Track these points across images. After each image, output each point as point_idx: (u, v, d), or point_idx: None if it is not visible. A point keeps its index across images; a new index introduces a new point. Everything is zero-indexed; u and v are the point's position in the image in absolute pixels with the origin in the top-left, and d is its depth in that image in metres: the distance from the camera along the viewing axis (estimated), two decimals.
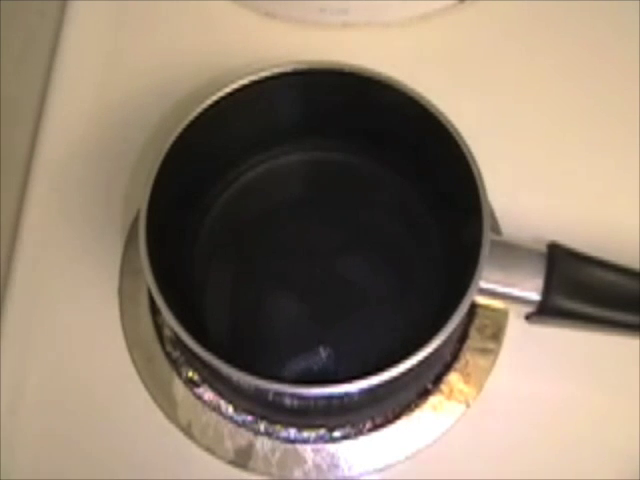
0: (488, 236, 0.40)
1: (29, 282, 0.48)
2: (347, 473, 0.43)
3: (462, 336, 0.46)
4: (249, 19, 0.55)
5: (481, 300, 0.42)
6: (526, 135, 0.51)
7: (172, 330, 0.39)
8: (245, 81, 0.44)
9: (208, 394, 0.45)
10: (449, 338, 0.39)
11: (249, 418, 0.44)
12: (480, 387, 0.45)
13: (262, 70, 0.44)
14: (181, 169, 0.43)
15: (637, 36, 0.54)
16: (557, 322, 0.43)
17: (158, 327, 0.46)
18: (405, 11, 0.55)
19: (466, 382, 0.45)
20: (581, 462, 0.44)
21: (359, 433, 0.44)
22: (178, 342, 0.44)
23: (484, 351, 0.46)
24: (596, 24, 0.55)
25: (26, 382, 0.45)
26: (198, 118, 0.43)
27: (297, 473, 0.43)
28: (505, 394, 0.45)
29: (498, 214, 0.48)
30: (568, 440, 0.44)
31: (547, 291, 0.41)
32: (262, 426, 0.44)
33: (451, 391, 0.45)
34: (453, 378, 0.45)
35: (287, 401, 0.40)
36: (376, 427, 0.44)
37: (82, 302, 0.47)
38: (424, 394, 0.45)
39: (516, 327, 0.46)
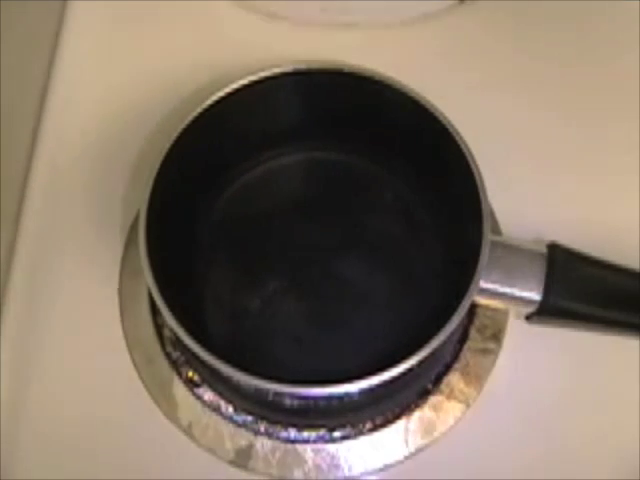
0: (488, 237, 0.40)
1: (29, 282, 0.48)
2: (347, 473, 0.43)
3: (462, 336, 0.46)
4: (249, 19, 0.55)
5: (481, 300, 0.42)
6: (526, 135, 0.51)
7: (172, 330, 0.39)
8: (245, 81, 0.44)
9: (208, 394, 0.45)
10: (449, 338, 0.39)
11: (249, 418, 0.44)
12: (480, 387, 0.45)
13: (262, 70, 0.44)
14: (181, 169, 0.43)
15: (637, 36, 0.54)
16: (557, 322, 0.43)
17: (158, 327, 0.46)
18: (405, 11, 0.55)
19: (466, 382, 0.45)
20: (581, 462, 0.44)
21: (359, 433, 0.44)
22: (178, 342, 0.44)
23: (484, 351, 0.46)
24: (596, 24, 0.55)
25: (26, 382, 0.45)
26: (198, 118, 0.43)
27: (297, 473, 0.43)
28: (505, 394, 0.45)
29: (498, 214, 0.48)
30: (568, 440, 0.44)
31: (547, 291, 0.41)
32: (262, 426, 0.44)
33: (451, 391, 0.45)
34: (453, 378, 0.45)
35: (287, 401, 0.40)
36: (376, 427, 0.44)
37: (82, 302, 0.47)
38: (424, 394, 0.45)
39: (516, 327, 0.46)
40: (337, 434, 0.44)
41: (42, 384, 0.45)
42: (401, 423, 0.44)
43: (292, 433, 0.44)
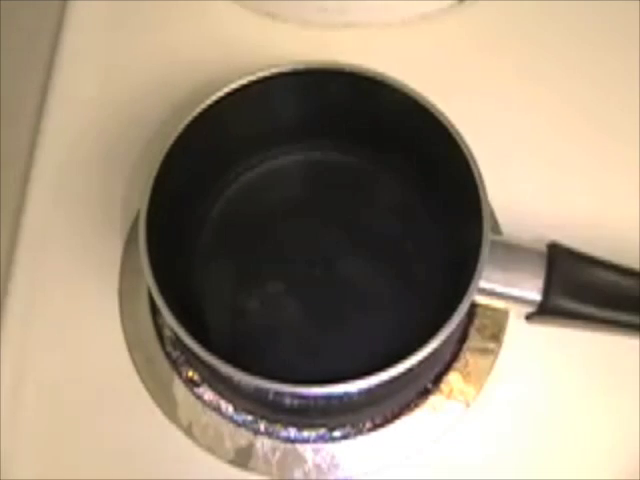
0: (488, 236, 0.40)
1: (29, 282, 0.48)
2: (347, 473, 0.43)
3: (462, 336, 0.46)
4: (249, 19, 0.55)
5: (481, 300, 0.42)
6: (526, 135, 0.51)
7: (172, 330, 0.39)
8: (244, 81, 0.44)
9: (208, 394, 0.45)
10: (449, 338, 0.39)
11: (249, 418, 0.44)
12: (480, 387, 0.45)
13: (261, 70, 0.44)
14: (181, 169, 0.43)
15: (637, 36, 0.54)
16: (557, 322, 0.43)
17: (158, 327, 0.46)
18: (405, 11, 0.55)
19: (466, 382, 0.45)
20: (581, 462, 0.44)
21: (359, 433, 0.44)
22: (178, 342, 0.44)
23: (484, 351, 0.46)
24: (596, 24, 0.55)
25: (26, 382, 0.45)
26: (198, 118, 0.43)
27: (297, 473, 0.43)
28: (505, 394, 0.45)
29: (498, 214, 0.48)
30: (568, 440, 0.44)
31: (547, 291, 0.41)
32: (262, 426, 0.44)
33: (451, 391, 0.45)
34: (453, 378, 0.45)
35: (287, 401, 0.40)
36: (376, 427, 0.44)
37: (82, 302, 0.47)
38: (424, 394, 0.45)
39: (516, 327, 0.46)
40: (337, 434, 0.44)
41: (42, 384, 0.45)
42: (401, 423, 0.44)
43: (292, 433, 0.44)
